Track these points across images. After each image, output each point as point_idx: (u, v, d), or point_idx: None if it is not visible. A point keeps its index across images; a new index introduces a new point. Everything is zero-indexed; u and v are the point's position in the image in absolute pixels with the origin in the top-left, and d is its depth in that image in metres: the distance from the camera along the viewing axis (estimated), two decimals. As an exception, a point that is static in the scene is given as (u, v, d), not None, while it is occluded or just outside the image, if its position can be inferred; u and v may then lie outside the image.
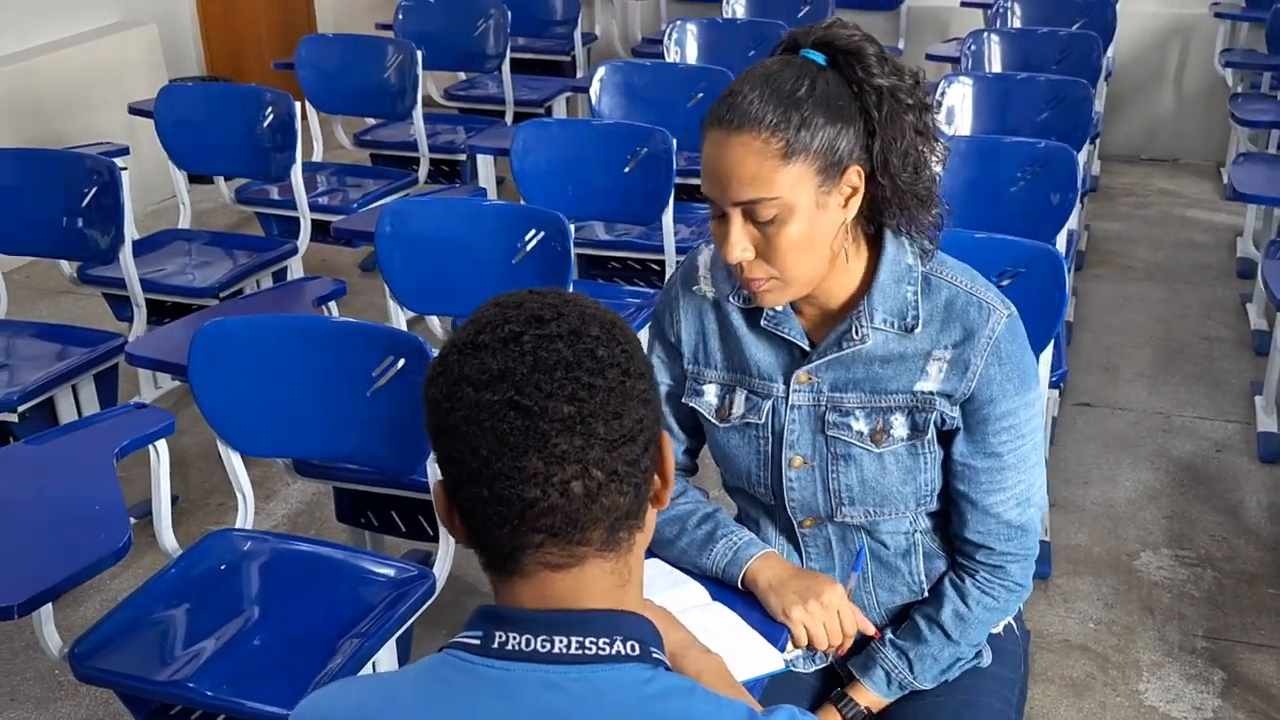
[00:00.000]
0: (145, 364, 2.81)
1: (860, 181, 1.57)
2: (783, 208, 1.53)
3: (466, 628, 1.11)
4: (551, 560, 1.07)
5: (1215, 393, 4.03)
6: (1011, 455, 1.69)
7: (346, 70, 4.66)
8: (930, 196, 1.63)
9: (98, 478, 2.13)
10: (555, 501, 1.04)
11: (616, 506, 1.07)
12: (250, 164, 4.06)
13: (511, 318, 1.08)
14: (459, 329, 1.11)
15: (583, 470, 1.04)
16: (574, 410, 1.04)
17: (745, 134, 1.50)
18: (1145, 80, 6.06)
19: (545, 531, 1.06)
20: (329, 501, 3.51)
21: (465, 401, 1.05)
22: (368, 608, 2.25)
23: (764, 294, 1.61)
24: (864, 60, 1.55)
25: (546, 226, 2.89)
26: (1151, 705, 2.74)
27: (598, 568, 1.09)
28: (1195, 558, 3.22)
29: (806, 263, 1.58)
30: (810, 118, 1.51)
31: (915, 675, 1.76)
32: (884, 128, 1.56)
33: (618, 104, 4.18)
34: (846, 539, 1.78)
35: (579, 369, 1.05)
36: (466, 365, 1.06)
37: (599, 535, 1.07)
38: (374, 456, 2.40)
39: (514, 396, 1.03)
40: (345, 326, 2.38)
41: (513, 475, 1.04)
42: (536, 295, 1.12)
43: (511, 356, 1.05)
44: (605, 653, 1.06)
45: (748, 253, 1.57)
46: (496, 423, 1.03)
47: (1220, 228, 5.40)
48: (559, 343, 1.06)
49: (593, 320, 1.09)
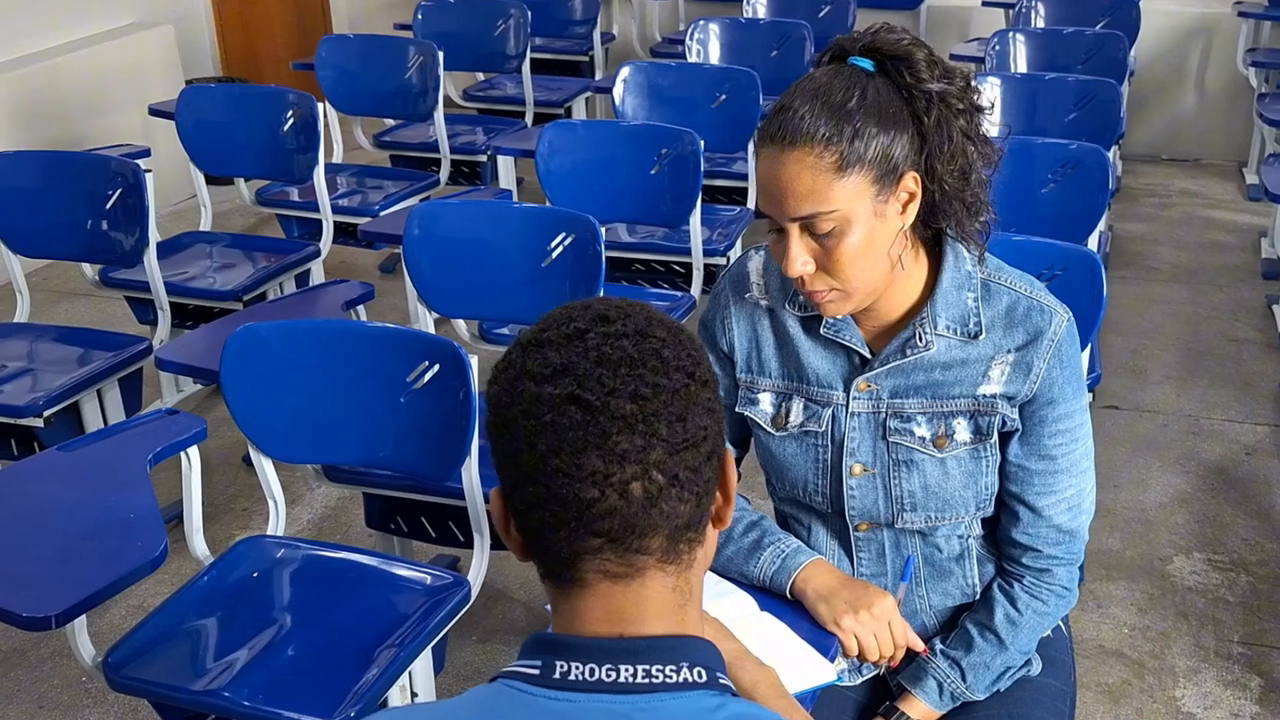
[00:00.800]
0: (175, 369, 2.79)
1: (917, 187, 1.57)
2: (840, 220, 1.52)
3: (523, 656, 1.08)
4: (610, 569, 1.05)
5: (1244, 395, 4.00)
6: (1065, 459, 1.70)
7: (367, 71, 4.64)
8: (978, 202, 1.62)
9: (132, 485, 2.11)
10: (614, 503, 1.02)
11: (676, 514, 1.05)
12: (272, 165, 4.03)
13: (577, 316, 1.06)
14: (526, 329, 1.09)
15: (643, 471, 1.02)
16: (636, 409, 1.02)
17: (799, 150, 1.50)
18: (1166, 80, 6.02)
19: (603, 535, 1.03)
20: (354, 506, 3.50)
21: (525, 395, 1.03)
22: (403, 616, 2.23)
23: (827, 305, 1.61)
24: (913, 65, 1.55)
25: (577, 229, 2.86)
26: (1189, 712, 2.71)
27: (658, 581, 1.06)
28: (1228, 562, 3.19)
29: (867, 272, 1.57)
30: (863, 128, 1.50)
31: (968, 685, 1.74)
32: (932, 134, 1.55)
33: (641, 105, 4.16)
34: (900, 545, 1.76)
35: (643, 367, 1.03)
36: (529, 360, 1.04)
37: (658, 543, 1.05)
38: (408, 462, 2.37)
39: (575, 391, 1.01)
40: (379, 331, 2.35)
41: (571, 472, 1.01)
42: (604, 300, 1.10)
43: (575, 352, 1.03)
44: (672, 680, 1.03)
45: (808, 266, 1.56)
46: (556, 416, 1.01)
47: (1244, 228, 5.37)
48: (624, 340, 1.04)
49: (659, 323, 1.08)
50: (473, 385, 2.25)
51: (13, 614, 1.81)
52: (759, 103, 4.01)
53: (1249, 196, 5.67)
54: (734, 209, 4.00)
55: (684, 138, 3.40)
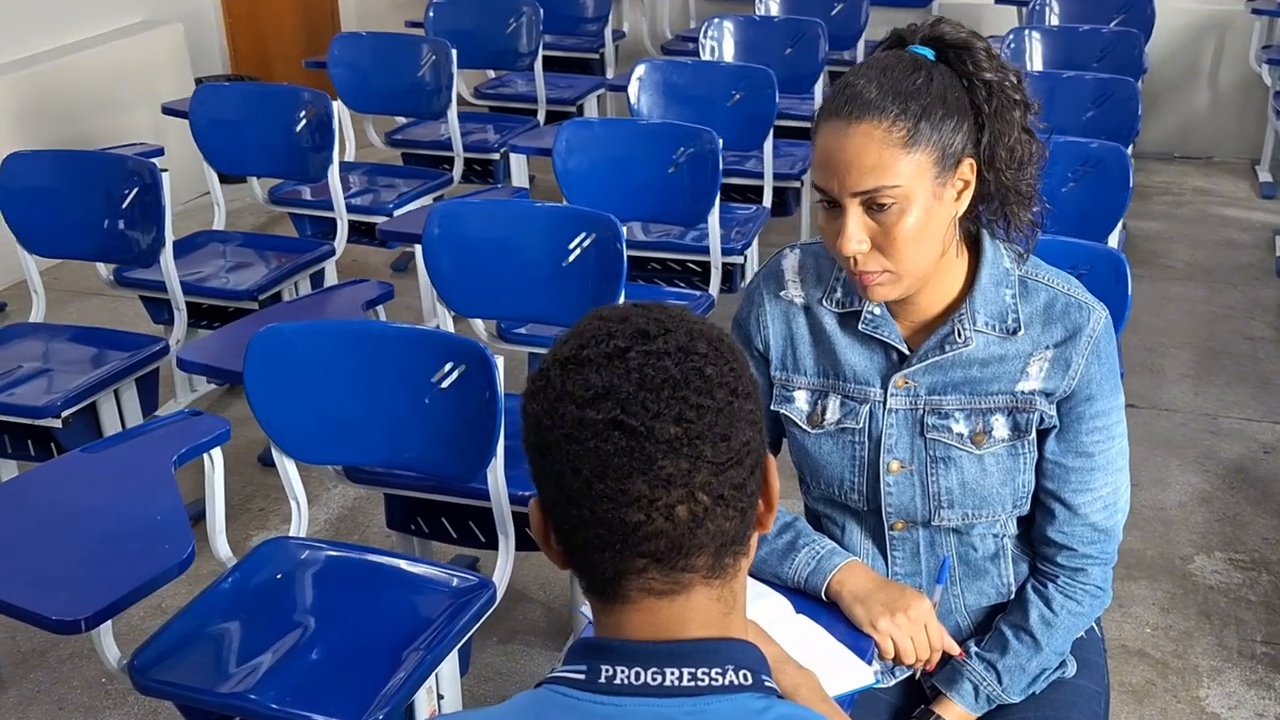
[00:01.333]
0: (197, 370, 2.78)
1: (972, 175, 1.59)
2: (902, 197, 1.52)
3: (568, 661, 1.07)
4: (656, 586, 1.04)
5: (1261, 394, 3.98)
6: (1102, 456, 1.70)
7: (380, 69, 4.63)
8: (1032, 194, 1.63)
9: (157, 487, 2.10)
10: (660, 526, 1.01)
11: (722, 532, 1.03)
12: (287, 164, 4.02)
13: (616, 332, 1.04)
14: (560, 342, 1.07)
15: (688, 494, 1.01)
16: (681, 431, 1.00)
17: (867, 123, 1.50)
18: (1178, 77, 6.00)
19: (649, 556, 1.02)
20: (371, 506, 3.49)
21: (567, 419, 1.01)
22: (428, 618, 2.22)
23: (876, 288, 1.59)
24: (974, 55, 1.57)
25: (599, 228, 2.85)
26: (1214, 712, 2.70)
27: (703, 595, 1.05)
28: (1249, 561, 3.18)
29: (921, 255, 1.57)
30: (930, 108, 1.51)
31: (1004, 687, 1.74)
32: (993, 121, 1.57)
33: (656, 102, 4.14)
34: (935, 544, 1.76)
35: (686, 388, 1.01)
36: (569, 381, 1.02)
37: (704, 561, 1.04)
38: (432, 464, 2.36)
39: (619, 415, 0.99)
40: (404, 332, 2.34)
41: (616, 498, 1.00)
42: (641, 309, 1.08)
43: (617, 373, 1.01)
44: (718, 683, 1.02)
45: (863, 245, 1.55)
46: (600, 443, 1.00)
47: (1258, 226, 5.35)
48: (666, 360, 1.02)
49: (700, 337, 1.05)
50: (498, 386, 2.24)
51: (42, 617, 1.80)
52: (775, 101, 4.00)
53: (1262, 195, 5.65)
54: (750, 207, 3.98)
55: (703, 136, 3.39)
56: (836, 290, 1.71)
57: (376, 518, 3.46)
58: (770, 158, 4.07)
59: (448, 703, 2.26)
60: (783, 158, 4.26)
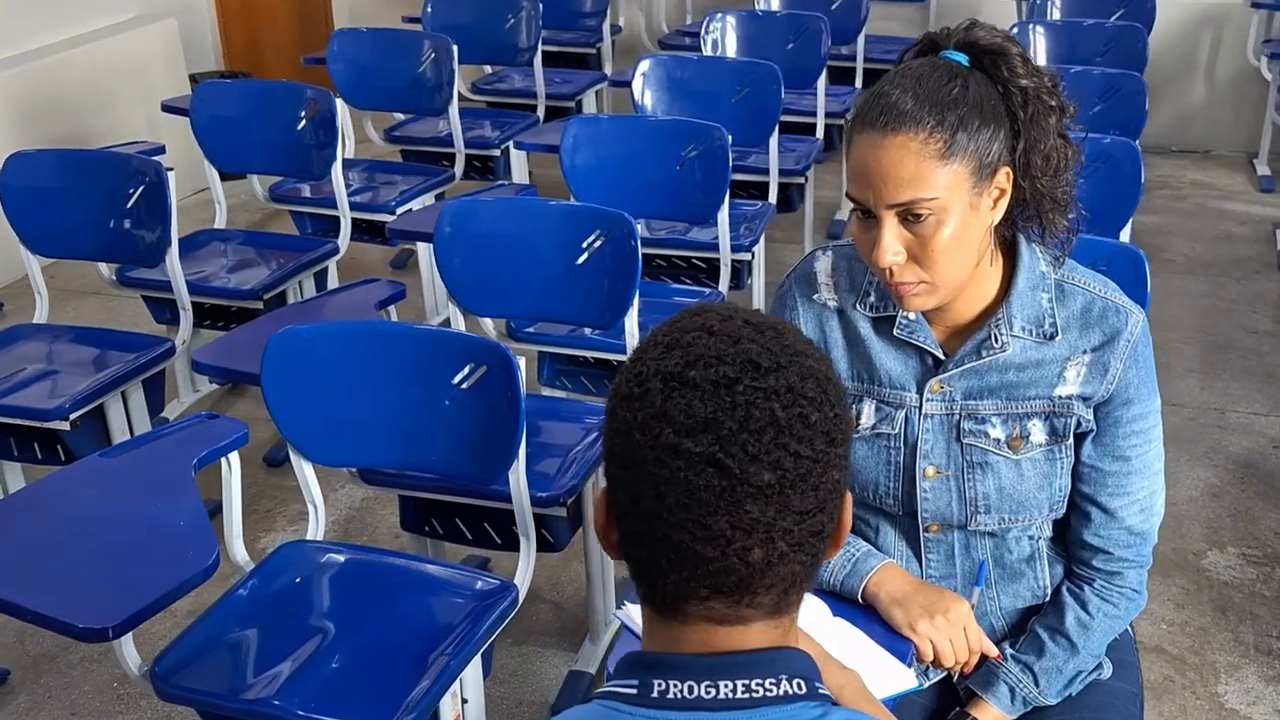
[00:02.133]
0: (213, 372, 2.75)
1: (1009, 184, 1.57)
2: (939, 209, 1.50)
3: (618, 676, 1.06)
4: (715, 615, 1.03)
5: (1267, 387, 3.99)
6: (1139, 460, 1.70)
7: (381, 65, 4.59)
8: (1068, 200, 1.63)
9: (179, 491, 2.08)
10: (732, 564, 0.99)
11: (792, 574, 1.02)
12: (289, 162, 3.99)
13: (727, 357, 1.00)
14: (662, 346, 1.03)
15: (767, 539, 0.99)
16: (774, 479, 0.98)
17: (903, 134, 1.48)
18: (1176, 71, 6.00)
19: (715, 589, 1.01)
20: (379, 507, 3.47)
21: (662, 442, 0.98)
22: (451, 621, 2.20)
23: (912, 299, 1.58)
24: (1009, 61, 1.55)
25: (613, 226, 2.83)
26: (1233, 708, 2.70)
27: (762, 625, 1.04)
28: (1262, 556, 3.18)
29: (958, 266, 1.56)
30: (967, 118, 1.50)
31: (1040, 690, 1.73)
32: (1028, 128, 1.56)
33: (660, 98, 4.12)
34: (970, 547, 1.75)
35: (788, 435, 0.98)
36: (671, 403, 0.99)
37: (769, 600, 1.03)
38: (452, 466, 2.34)
39: (717, 453, 0.97)
40: (424, 333, 2.32)
41: (694, 531, 0.98)
42: (753, 330, 1.03)
43: (722, 406, 0.98)
44: (773, 693, 1.01)
45: (899, 256, 1.53)
46: (692, 475, 0.97)
47: (1257, 220, 5.35)
48: (774, 400, 0.99)
49: (810, 376, 1.02)
50: (520, 387, 2.22)
51: (69, 625, 1.78)
52: (780, 96, 3.98)
53: (1261, 188, 5.66)
54: (756, 204, 3.97)
55: (712, 133, 3.37)
56: (870, 294, 1.70)
57: (385, 518, 3.44)
58: (775, 154, 4.05)
59: (471, 707, 2.24)
60: (785, 153, 4.24)
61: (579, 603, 3.09)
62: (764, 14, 4.81)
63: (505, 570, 3.15)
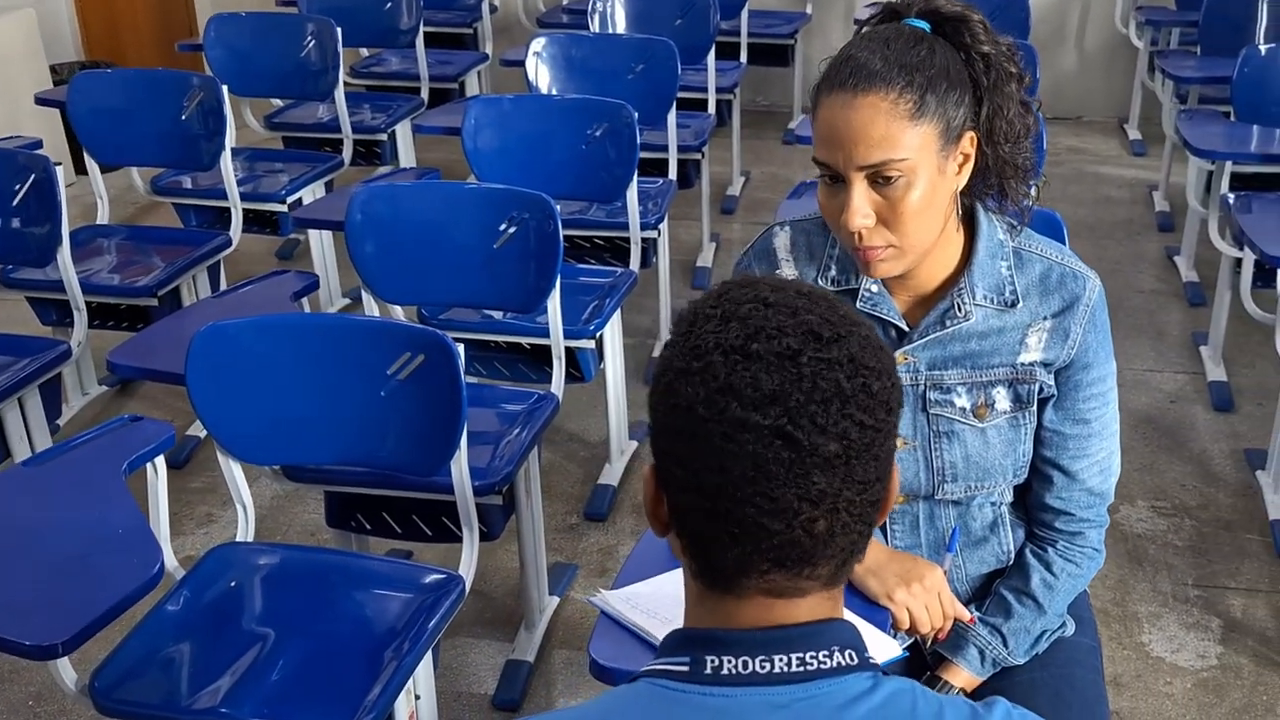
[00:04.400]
0: (132, 374, 2.64)
1: (973, 149, 1.57)
2: (909, 170, 1.50)
3: (666, 653, 1.04)
4: (774, 589, 1.01)
5: (1159, 345, 4.11)
6: (1097, 421, 1.72)
7: (262, 50, 4.45)
8: (1028, 167, 1.63)
9: (112, 499, 1.99)
10: (796, 536, 0.98)
11: (852, 544, 1.02)
12: (175, 152, 3.84)
13: (788, 329, 0.98)
14: (717, 320, 1.00)
15: (832, 510, 0.98)
16: (840, 449, 0.97)
17: (874, 95, 1.48)
18: (1049, 39, 6.13)
19: (775, 562, 0.99)
20: (292, 505, 3.38)
21: (729, 417, 0.96)
22: (399, 617, 2.14)
23: (879, 264, 1.57)
24: (971, 28, 1.56)
25: (531, 208, 2.79)
26: (1158, 656, 2.77)
27: (817, 597, 1.03)
28: (1171, 508, 3.28)
29: (926, 229, 1.56)
30: (935, 80, 1.50)
31: (1010, 650, 1.75)
32: (991, 94, 1.56)
33: (556, 77, 4.07)
34: (935, 516, 1.76)
35: (853, 404, 0.97)
36: (736, 376, 0.97)
37: (828, 570, 1.02)
38: (391, 459, 2.28)
39: (785, 425, 0.95)
40: (358, 324, 2.26)
41: (761, 504, 0.97)
42: (808, 301, 1.01)
43: (788, 378, 0.96)
44: (827, 665, 1.00)
45: (869, 220, 1.53)
46: (760, 448, 0.96)
47: (1134, 183, 5.51)
48: (838, 371, 0.97)
49: (868, 346, 1.01)
50: (461, 375, 2.17)
51: (15, 643, 1.69)
52: (677, 72, 3.97)
53: (1133, 152, 5.83)
54: (657, 180, 3.94)
55: (619, 111, 3.34)
56: (831, 268, 1.69)
57: (300, 516, 3.36)
58: (674, 130, 4.03)
59: (424, 703, 2.19)
60: (682, 129, 4.22)
61: (507, 591, 3.05)
62: (652, -10, 4.78)
63: (428, 562, 3.10)
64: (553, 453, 3.57)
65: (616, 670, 1.58)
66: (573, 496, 3.41)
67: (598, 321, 3.08)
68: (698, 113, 4.58)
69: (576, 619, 2.95)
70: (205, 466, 3.57)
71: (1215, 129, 3.77)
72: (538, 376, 3.14)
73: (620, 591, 1.72)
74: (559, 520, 3.30)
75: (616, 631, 1.67)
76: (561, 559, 3.15)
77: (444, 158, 5.48)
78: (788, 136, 6.06)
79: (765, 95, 6.47)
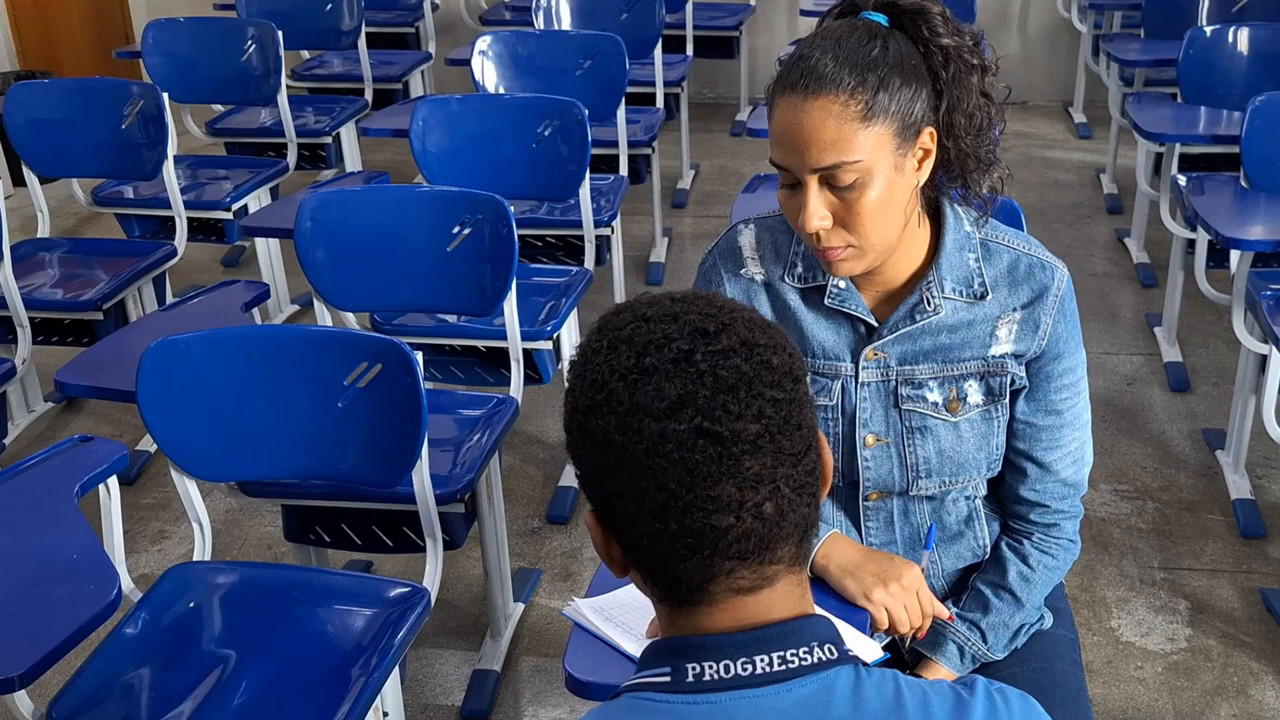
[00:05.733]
0: (81, 392, 2.57)
1: (933, 144, 1.55)
2: (863, 171, 1.48)
3: (645, 666, 1.04)
4: (743, 585, 1.01)
5: (1113, 327, 4.12)
6: (1069, 412, 1.72)
7: (202, 56, 4.37)
8: (992, 159, 1.62)
9: (65, 522, 1.93)
10: (749, 526, 0.98)
11: (803, 518, 1.02)
12: (116, 162, 3.76)
13: (673, 334, 0.99)
14: (605, 349, 1.01)
15: (774, 490, 0.98)
16: (761, 429, 0.97)
17: (824, 97, 1.46)
18: (992, 25, 6.13)
19: (736, 558, 0.99)
20: (246, 519, 3.33)
21: (646, 433, 0.97)
22: (364, 633, 2.09)
23: (840, 264, 1.56)
24: (930, 20, 1.53)
25: (485, 209, 2.74)
26: (1128, 641, 2.77)
27: (787, 581, 1.03)
28: (1133, 490, 3.28)
29: (885, 228, 1.54)
30: (888, 78, 1.47)
31: (989, 645, 1.73)
32: (951, 88, 1.54)
33: (503, 75, 4.03)
34: (909, 512, 1.74)
35: (759, 383, 0.98)
36: (639, 393, 0.97)
37: (789, 551, 1.02)
38: (352, 471, 2.23)
39: (702, 423, 0.96)
40: (314, 334, 2.21)
41: (705, 505, 0.97)
42: (683, 304, 1.03)
43: (689, 379, 0.97)
44: (808, 662, 1.00)
45: (825, 221, 1.51)
46: (686, 453, 0.96)
47: (1081, 166, 5.53)
48: (735, 357, 0.98)
49: (756, 326, 1.02)
50: (421, 383, 2.12)
51: (-31, 679, 1.63)
52: (625, 67, 3.93)
53: (1079, 135, 5.86)
54: (608, 177, 3.90)
55: (569, 108, 3.30)
56: (797, 265, 1.67)
57: (255, 530, 3.30)
58: (624, 125, 4.00)
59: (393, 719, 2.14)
60: (631, 124, 4.19)
61: (470, 600, 3.01)
62: (597, -16, 4.74)
63: (389, 573, 3.06)
64: (511, 455, 3.52)
65: (592, 684, 1.55)
66: (533, 500, 3.37)
67: (555, 322, 3.04)
68: (646, 107, 4.54)
69: (542, 625, 2.92)
70: (157, 482, 3.50)
71: (1164, 112, 3.78)
72: (494, 379, 3.10)
73: (592, 601, 1.69)
74: (520, 524, 3.26)
75: (591, 643, 1.63)
76: (524, 564, 3.11)
77: (390, 159, 5.42)
78: (736, 129, 6.05)
79: (712, 88, 6.44)
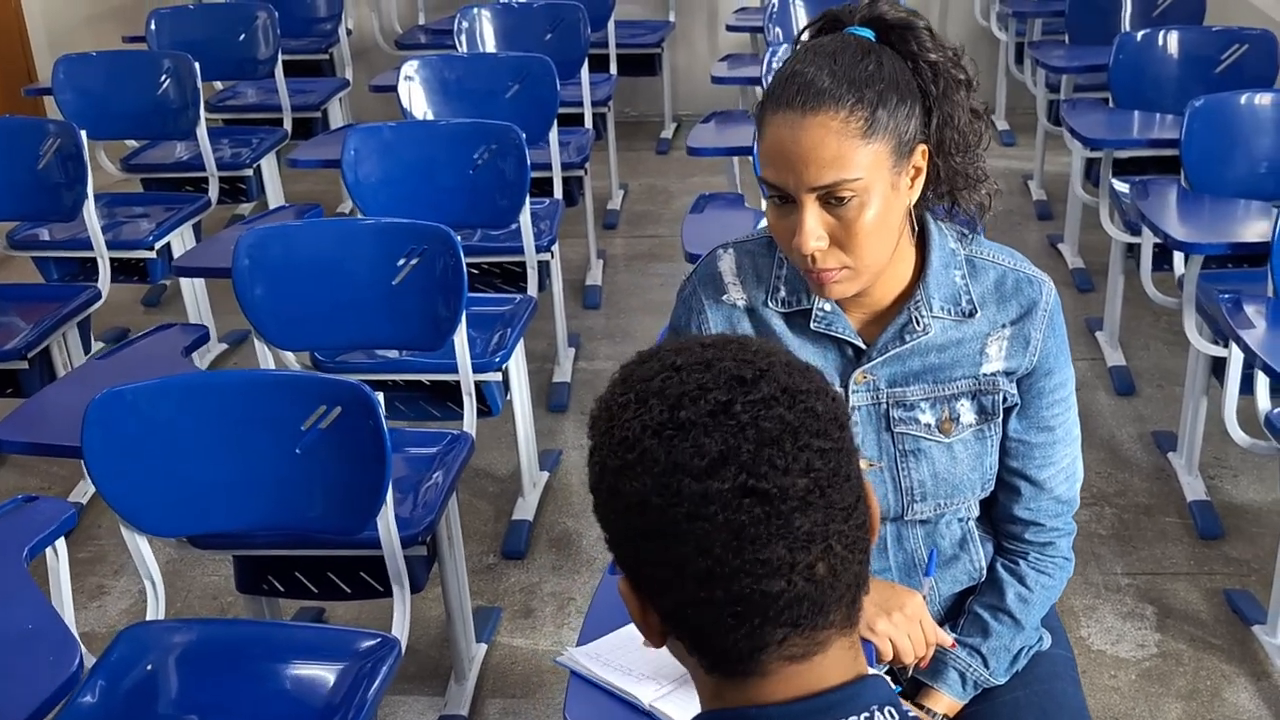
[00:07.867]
0: (20, 449, 2.45)
1: (925, 162, 1.50)
2: (862, 190, 1.43)
3: None
4: (795, 653, 0.94)
5: (1054, 332, 4.12)
6: (1061, 428, 1.68)
7: (116, 91, 4.22)
8: (979, 176, 1.58)
9: (17, 589, 1.82)
10: (801, 589, 0.91)
11: (855, 576, 0.95)
12: (34, 203, 3.62)
13: (708, 384, 0.92)
14: (634, 404, 0.94)
15: (826, 548, 0.91)
16: (809, 482, 0.90)
17: (823, 114, 1.40)
18: (908, 34, 6.17)
19: (789, 624, 0.92)
20: (189, 569, 3.20)
21: (686, 494, 0.89)
22: (335, 688, 2.01)
23: (833, 285, 1.51)
24: (917, 35, 1.50)
25: (430, 240, 2.66)
26: (1099, 649, 2.76)
27: (839, 645, 0.96)
28: (1090, 496, 3.28)
29: (880, 248, 1.49)
30: (885, 94, 1.43)
31: (991, 670, 1.70)
32: (941, 104, 1.51)
33: (431, 100, 3.94)
34: (903, 538, 1.69)
35: (805, 433, 0.91)
36: (676, 451, 0.90)
37: (841, 613, 0.95)
38: (312, 520, 2.14)
39: (746, 480, 0.89)
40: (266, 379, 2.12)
41: (754, 570, 0.89)
42: (715, 349, 0.96)
43: (729, 432, 0.90)
44: None
45: (822, 242, 1.46)
46: (731, 514, 0.89)
47: (1007, 173, 5.57)
48: (778, 406, 0.91)
49: (794, 371, 0.95)
50: (384, 424, 2.04)
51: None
52: (556, 88, 3.87)
53: (1003, 142, 5.90)
54: (544, 201, 3.84)
55: (506, 133, 3.23)
56: (780, 289, 1.62)
57: (199, 580, 3.18)
58: (556, 147, 3.94)
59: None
60: (563, 146, 4.12)
61: (429, 643, 2.91)
62: (520, 5, 4.66)
63: (341, 619, 2.96)
64: (461, 490, 3.43)
65: (597, 733, 1.49)
66: (487, 535, 3.28)
67: (503, 352, 2.97)
68: (575, 128, 4.48)
69: (506, 665, 2.83)
70: (90, 534, 3.36)
71: (1099, 117, 3.80)
72: (442, 414, 3.02)
73: (587, 648, 1.63)
74: (475, 560, 3.17)
75: (589, 691, 1.58)
76: (483, 602, 3.02)
77: (311, 189, 5.29)
78: (662, 146, 6.01)
79: (634, 106, 6.40)
